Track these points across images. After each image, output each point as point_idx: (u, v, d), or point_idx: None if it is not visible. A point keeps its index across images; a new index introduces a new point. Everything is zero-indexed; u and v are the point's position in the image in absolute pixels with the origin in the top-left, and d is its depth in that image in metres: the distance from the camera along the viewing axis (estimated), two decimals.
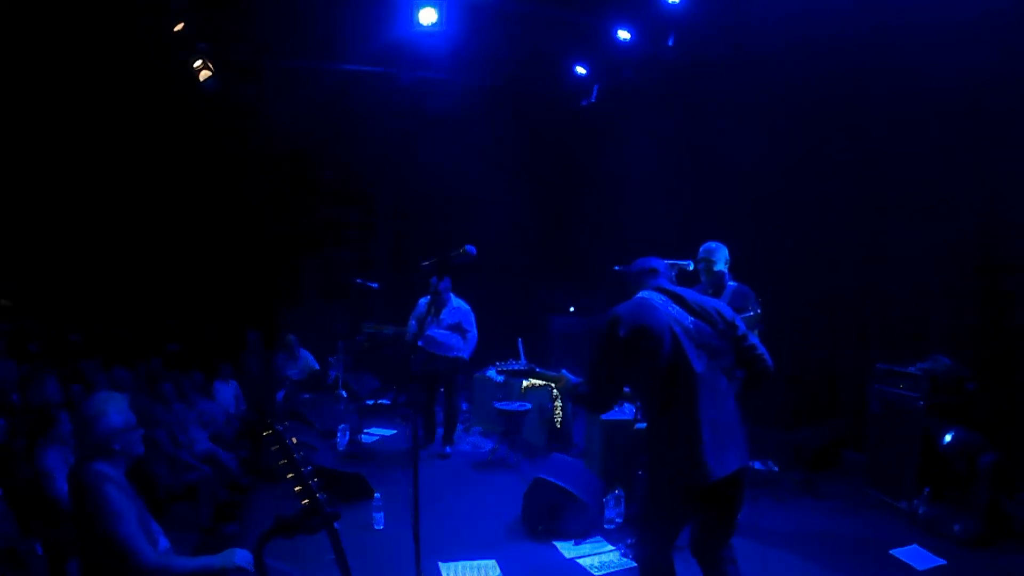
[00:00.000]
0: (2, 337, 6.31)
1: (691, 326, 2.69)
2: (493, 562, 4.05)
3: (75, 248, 8.48)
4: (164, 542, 2.62)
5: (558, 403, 6.68)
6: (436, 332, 6.38)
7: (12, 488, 3.51)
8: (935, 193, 5.32)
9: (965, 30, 4.78)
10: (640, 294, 2.86)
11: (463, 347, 6.45)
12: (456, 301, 6.49)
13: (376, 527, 4.52)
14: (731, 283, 4.46)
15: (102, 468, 2.47)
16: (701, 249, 4.54)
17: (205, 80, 7.25)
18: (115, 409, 2.56)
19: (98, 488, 2.41)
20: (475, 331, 6.52)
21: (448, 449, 6.43)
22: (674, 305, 2.76)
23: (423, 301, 6.37)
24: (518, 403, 6.37)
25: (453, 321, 6.41)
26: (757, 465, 5.63)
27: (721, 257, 4.47)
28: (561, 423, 6.68)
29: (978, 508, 4.32)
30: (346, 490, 4.96)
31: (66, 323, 7.80)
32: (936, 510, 4.51)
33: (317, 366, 8.62)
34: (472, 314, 6.53)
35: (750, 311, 4.15)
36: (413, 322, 6.51)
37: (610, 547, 4.29)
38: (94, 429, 2.51)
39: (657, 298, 2.79)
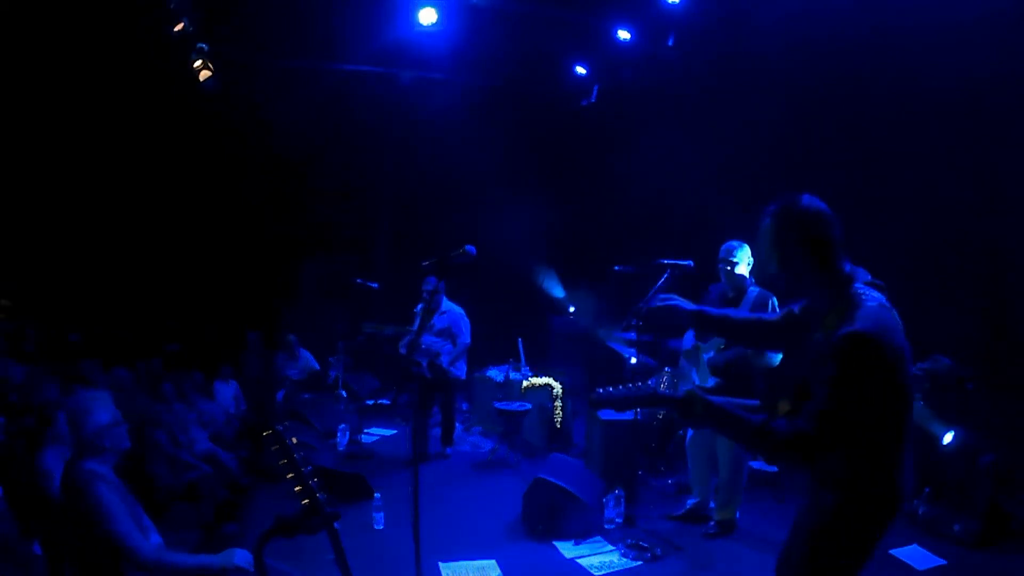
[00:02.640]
0: (2, 337, 6.32)
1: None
2: (493, 562, 4.05)
3: (75, 248, 8.48)
4: (156, 537, 2.65)
5: (558, 403, 6.68)
6: (425, 338, 6.07)
7: (12, 488, 3.51)
8: (935, 193, 5.32)
9: (965, 30, 4.78)
10: (871, 293, 2.01)
11: (450, 353, 6.10)
12: (447, 304, 6.20)
13: (376, 527, 4.52)
14: (753, 288, 4.25)
15: (92, 467, 2.53)
16: (722, 249, 4.34)
17: (205, 80, 7.25)
18: (100, 406, 2.61)
19: (91, 488, 2.45)
20: (467, 337, 6.17)
21: (448, 450, 6.42)
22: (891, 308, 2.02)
23: (419, 309, 6.20)
24: (518, 403, 6.36)
25: (442, 326, 6.14)
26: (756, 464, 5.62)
27: (743, 258, 4.23)
28: (561, 423, 6.68)
29: (978, 508, 4.32)
30: (346, 490, 4.96)
31: (66, 323, 7.80)
32: (936, 510, 4.51)
33: (317, 366, 8.62)
34: (465, 319, 6.23)
35: None
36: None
37: (610, 547, 4.29)
38: (82, 428, 2.56)
39: (883, 298, 2.03)
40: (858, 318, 1.90)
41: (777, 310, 3.82)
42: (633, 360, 5.88)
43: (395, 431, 7.34)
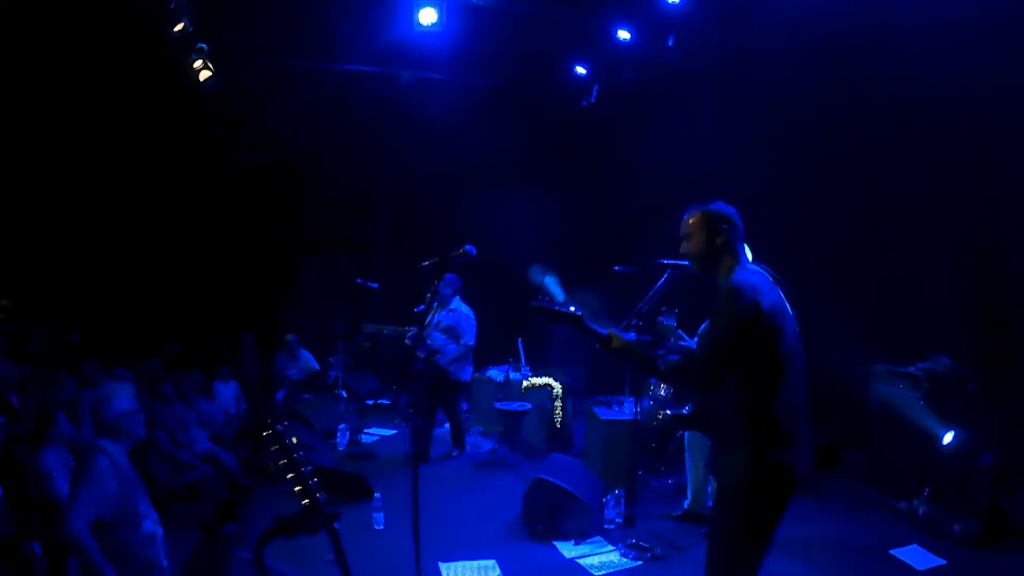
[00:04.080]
0: (2, 337, 6.31)
1: (792, 313, 2.51)
2: (493, 562, 4.05)
3: (76, 249, 8.48)
4: (150, 526, 2.75)
5: (558, 403, 6.68)
6: (434, 335, 6.15)
7: (12, 488, 3.51)
8: (936, 193, 5.32)
9: (965, 30, 4.78)
10: (752, 266, 2.59)
11: (451, 353, 6.11)
12: (456, 303, 6.23)
13: (376, 527, 4.52)
14: None
15: (105, 444, 2.74)
16: None
17: (205, 80, 7.25)
18: (124, 394, 2.84)
19: (92, 456, 2.67)
20: (470, 339, 6.14)
21: (455, 451, 6.43)
22: (776, 286, 2.54)
23: (419, 310, 6.21)
24: (518, 403, 6.36)
25: (449, 323, 6.16)
26: None
27: None
28: (561, 423, 6.68)
29: (978, 508, 4.33)
30: (346, 490, 4.96)
31: (66, 323, 7.80)
32: (936, 510, 4.51)
33: (317, 366, 8.62)
34: (471, 320, 6.21)
35: None
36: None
37: (610, 547, 4.29)
38: (104, 412, 2.77)
39: (765, 272, 2.56)
40: (729, 278, 2.47)
41: None
42: None
43: (395, 431, 7.34)
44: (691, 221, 2.66)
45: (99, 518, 2.58)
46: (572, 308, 2.65)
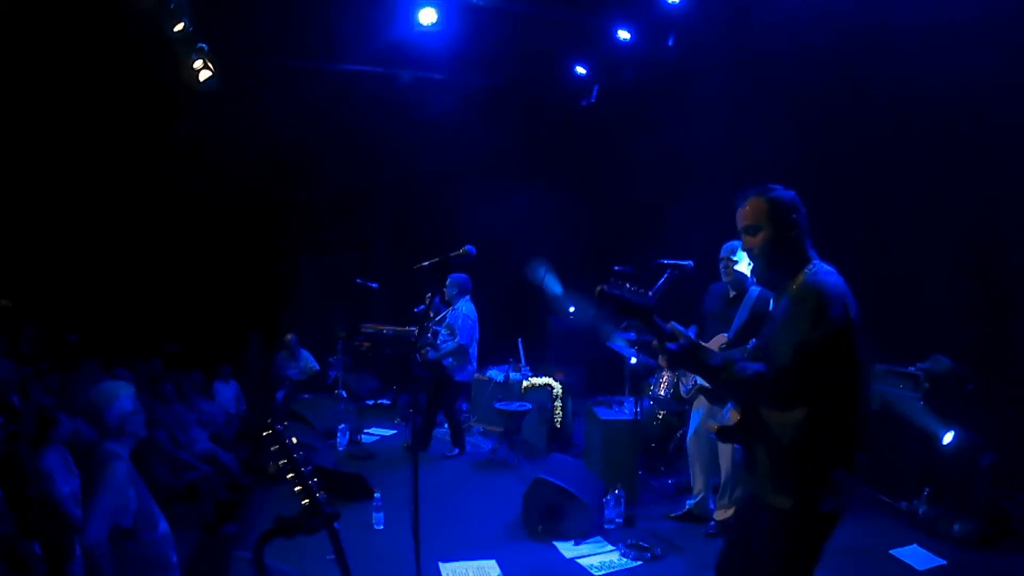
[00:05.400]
0: (2, 337, 6.31)
1: None
2: (493, 562, 4.05)
3: (76, 248, 8.48)
4: (164, 526, 2.78)
5: (558, 403, 6.68)
6: (437, 327, 6.36)
7: (12, 488, 3.51)
8: (936, 193, 5.32)
9: (965, 30, 4.78)
10: (827, 265, 2.15)
11: (441, 350, 6.23)
12: (461, 303, 6.32)
13: (376, 527, 4.53)
14: (754, 287, 4.23)
15: (114, 448, 2.74)
16: (724, 247, 4.40)
17: (205, 80, 7.26)
18: (125, 394, 2.83)
19: (107, 462, 2.66)
20: (464, 338, 6.18)
21: (455, 450, 6.44)
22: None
23: (419, 310, 6.56)
24: (518, 403, 6.36)
25: (448, 321, 6.33)
26: None
27: (744, 257, 4.00)
28: (561, 423, 6.68)
29: (978, 508, 4.33)
30: (346, 490, 4.96)
31: (66, 323, 7.80)
32: (936, 510, 4.51)
33: (317, 366, 8.63)
34: (470, 321, 6.26)
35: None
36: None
37: (610, 547, 4.29)
38: (107, 414, 2.75)
39: (835, 271, 2.15)
40: (812, 276, 2.09)
41: None
42: (633, 360, 5.88)
43: (395, 431, 7.34)
44: (753, 210, 2.22)
45: (120, 526, 2.58)
46: (645, 295, 2.17)
